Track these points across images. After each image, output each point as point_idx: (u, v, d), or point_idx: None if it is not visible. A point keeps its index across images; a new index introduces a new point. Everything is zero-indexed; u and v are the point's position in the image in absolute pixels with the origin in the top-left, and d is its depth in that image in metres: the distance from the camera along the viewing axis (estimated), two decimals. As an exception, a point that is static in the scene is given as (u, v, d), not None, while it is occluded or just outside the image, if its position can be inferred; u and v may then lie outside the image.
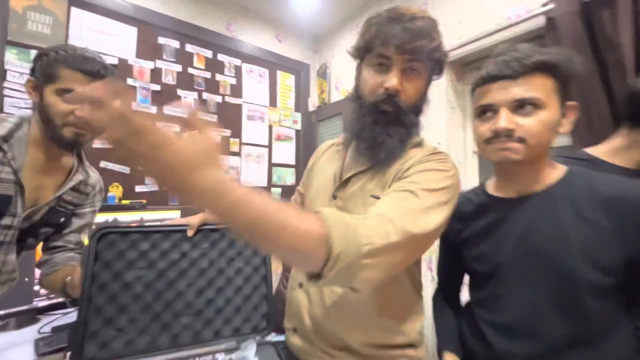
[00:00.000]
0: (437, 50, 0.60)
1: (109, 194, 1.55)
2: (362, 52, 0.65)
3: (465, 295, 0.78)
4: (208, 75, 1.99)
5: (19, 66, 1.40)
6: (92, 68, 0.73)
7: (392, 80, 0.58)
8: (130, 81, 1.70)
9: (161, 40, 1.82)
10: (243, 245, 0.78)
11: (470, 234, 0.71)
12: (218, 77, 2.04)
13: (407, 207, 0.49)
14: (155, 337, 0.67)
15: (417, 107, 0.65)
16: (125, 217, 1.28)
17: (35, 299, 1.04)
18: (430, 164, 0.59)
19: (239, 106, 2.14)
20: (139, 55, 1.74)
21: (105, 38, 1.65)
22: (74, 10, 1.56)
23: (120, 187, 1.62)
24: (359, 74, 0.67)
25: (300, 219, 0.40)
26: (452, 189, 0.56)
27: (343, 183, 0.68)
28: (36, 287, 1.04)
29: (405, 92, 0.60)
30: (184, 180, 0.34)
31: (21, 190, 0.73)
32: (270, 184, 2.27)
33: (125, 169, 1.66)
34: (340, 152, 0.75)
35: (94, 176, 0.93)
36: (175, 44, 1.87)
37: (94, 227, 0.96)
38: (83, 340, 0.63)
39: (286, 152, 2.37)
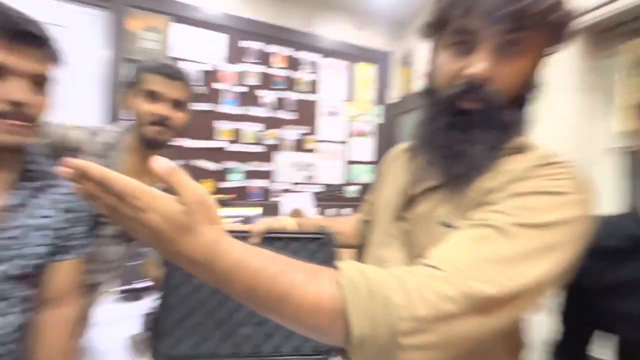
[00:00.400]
0: (553, 9, 0.40)
1: (200, 189, 1.73)
2: (437, 28, 0.48)
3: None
4: (287, 73, 2.03)
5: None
6: (170, 71, 0.82)
7: (476, 65, 0.41)
8: (219, 85, 1.85)
9: (244, 43, 1.92)
10: (309, 257, 0.73)
11: (621, 280, 0.49)
12: (296, 74, 2.05)
13: (484, 255, 0.34)
14: (217, 344, 0.67)
15: (521, 97, 0.46)
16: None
17: (140, 280, 1.23)
18: (537, 181, 0.39)
19: (316, 103, 2.12)
20: (229, 60, 1.88)
21: (201, 48, 1.82)
22: (175, 26, 1.76)
23: (210, 182, 1.79)
24: (433, 59, 0.50)
25: (308, 287, 0.31)
26: (575, 224, 0.36)
27: (409, 201, 0.53)
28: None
29: (500, 79, 0.42)
30: (170, 246, 0.30)
31: None
32: (346, 182, 2.20)
33: (212, 166, 1.82)
34: (410, 159, 0.59)
35: None
36: (257, 45, 1.95)
37: None
38: (159, 336, 0.67)
39: (364, 149, 2.26)
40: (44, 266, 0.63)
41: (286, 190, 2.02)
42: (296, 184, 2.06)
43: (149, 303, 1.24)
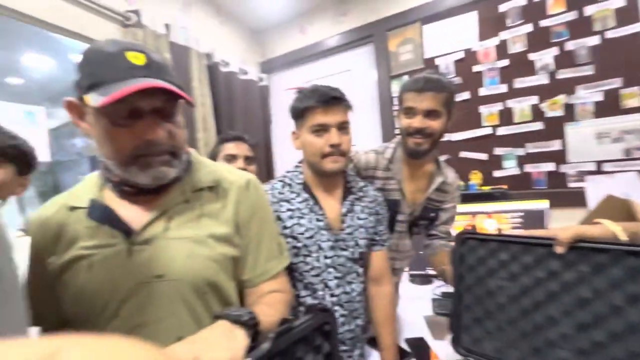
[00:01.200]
0: None
1: (470, 182, 1.68)
2: None
3: None
4: (572, 16, 1.51)
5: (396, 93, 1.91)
6: (418, 85, 0.89)
7: None
8: (475, 68, 1.72)
9: (502, 7, 1.64)
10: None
11: None
12: (589, 10, 1.48)
13: None
14: (525, 357, 0.63)
15: None
16: (485, 207, 1.32)
17: (427, 267, 1.39)
18: None
19: (636, 36, 1.41)
20: (482, 37, 1.70)
21: (450, 38, 1.78)
22: (425, 28, 1.84)
23: (479, 173, 1.70)
24: None
25: None
26: None
27: None
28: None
29: None
30: None
31: (403, 195, 1.01)
32: None
33: (482, 156, 1.71)
34: None
35: (451, 175, 1.06)
36: (521, 0, 1.60)
37: (455, 221, 1.11)
38: (460, 330, 0.73)
39: None
40: (366, 254, 0.89)
41: (590, 173, 1.50)
42: (605, 161, 1.48)
43: (435, 289, 1.38)
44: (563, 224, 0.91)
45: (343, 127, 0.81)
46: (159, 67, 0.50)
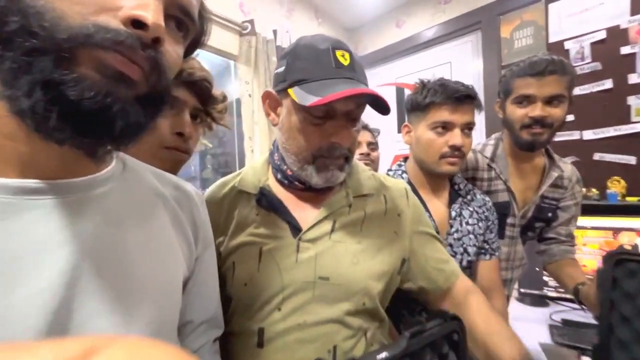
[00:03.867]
0: None
1: (608, 190, 1.37)
2: None
3: None
4: None
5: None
6: (538, 68, 0.77)
7: None
8: (624, 50, 1.38)
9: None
10: None
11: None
12: None
13: None
14: None
15: None
16: (631, 223, 1.05)
17: (544, 287, 1.19)
18: None
19: None
20: (634, 10, 1.36)
21: (587, 16, 1.48)
22: (551, 7, 1.57)
23: (622, 181, 1.37)
24: None
25: None
26: None
27: None
28: (545, 277, 1.19)
29: None
30: None
31: (512, 195, 0.89)
32: None
33: (629, 159, 1.37)
34: None
35: (568, 168, 0.92)
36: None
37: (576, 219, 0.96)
38: (606, 368, 0.60)
39: None
40: (473, 262, 0.81)
41: None
42: None
43: (553, 313, 1.17)
44: None
45: (468, 128, 0.75)
46: (360, 69, 0.51)
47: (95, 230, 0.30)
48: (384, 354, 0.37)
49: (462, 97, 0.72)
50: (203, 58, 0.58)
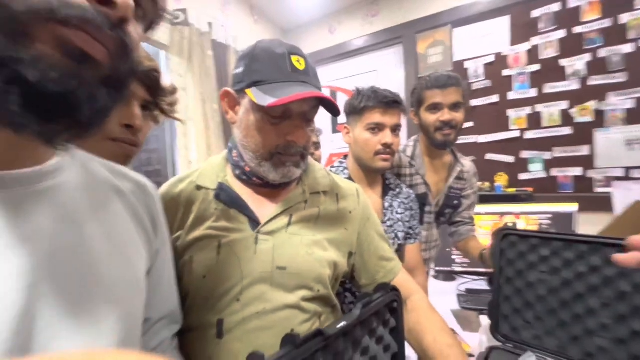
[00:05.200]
0: None
1: (495, 183, 1.71)
2: None
3: None
4: (607, 23, 1.53)
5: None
6: (442, 82, 0.95)
7: None
8: (505, 72, 1.74)
9: (535, 12, 1.67)
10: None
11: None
12: (624, 18, 1.50)
13: None
14: (564, 344, 0.68)
15: None
16: (514, 208, 1.36)
17: (453, 264, 1.44)
18: None
19: (668, 46, 1.43)
20: (514, 42, 1.73)
21: (480, 42, 1.81)
22: (455, 31, 1.87)
23: (505, 175, 1.73)
24: None
25: None
26: None
27: None
28: (453, 256, 1.44)
29: None
30: None
31: (429, 187, 1.08)
32: None
33: (508, 159, 1.74)
34: None
35: (467, 164, 1.14)
36: (555, 7, 1.62)
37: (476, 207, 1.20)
38: (499, 319, 0.78)
39: None
40: (402, 246, 0.95)
41: (618, 179, 1.53)
42: (634, 168, 1.50)
43: (459, 285, 1.43)
44: (592, 228, 0.96)
45: (396, 129, 0.87)
46: (314, 73, 0.55)
47: (49, 227, 0.28)
48: (343, 323, 0.44)
49: (390, 102, 0.84)
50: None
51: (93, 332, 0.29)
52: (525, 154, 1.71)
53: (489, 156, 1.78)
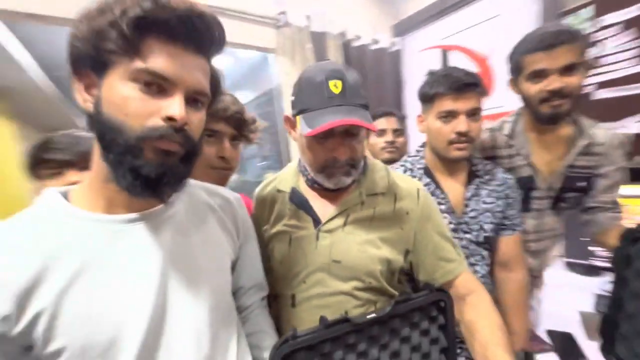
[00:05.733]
0: None
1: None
2: None
3: None
4: None
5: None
6: (548, 41, 0.76)
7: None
8: None
9: None
10: None
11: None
12: None
13: None
14: None
15: None
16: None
17: (591, 257, 1.15)
18: None
19: None
20: None
21: None
22: None
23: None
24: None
25: None
26: None
27: None
28: (592, 247, 1.14)
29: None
30: None
31: (534, 169, 0.90)
32: None
33: None
34: None
35: (602, 134, 0.87)
36: None
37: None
38: (614, 338, 0.65)
39: None
40: (492, 238, 0.87)
41: None
42: None
43: (602, 283, 1.14)
44: None
45: (474, 113, 0.78)
46: (352, 92, 0.59)
47: (170, 240, 0.48)
48: (372, 315, 0.51)
49: (462, 85, 0.76)
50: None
51: (199, 300, 0.49)
52: None
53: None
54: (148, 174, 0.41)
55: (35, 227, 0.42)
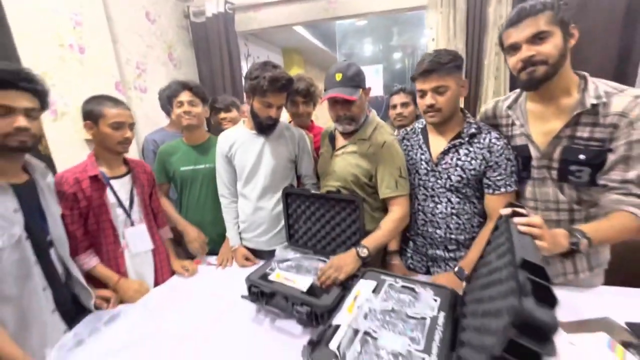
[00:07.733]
0: None
1: None
2: None
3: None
4: None
5: None
6: (514, 19, 0.83)
7: None
8: None
9: None
10: None
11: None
12: None
13: None
14: None
15: None
16: None
17: None
18: None
19: None
20: None
21: None
22: None
23: None
24: None
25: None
26: None
27: None
28: None
29: None
30: None
31: (529, 138, 0.91)
32: None
33: None
34: None
35: (619, 101, 0.76)
36: None
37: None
38: None
39: None
40: (455, 187, 1.05)
41: None
42: None
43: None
44: None
45: (437, 91, 0.97)
46: (347, 79, 1.04)
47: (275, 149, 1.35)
48: (313, 192, 1.17)
49: (424, 72, 0.96)
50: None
51: (274, 181, 1.32)
52: None
53: None
54: None
55: None
